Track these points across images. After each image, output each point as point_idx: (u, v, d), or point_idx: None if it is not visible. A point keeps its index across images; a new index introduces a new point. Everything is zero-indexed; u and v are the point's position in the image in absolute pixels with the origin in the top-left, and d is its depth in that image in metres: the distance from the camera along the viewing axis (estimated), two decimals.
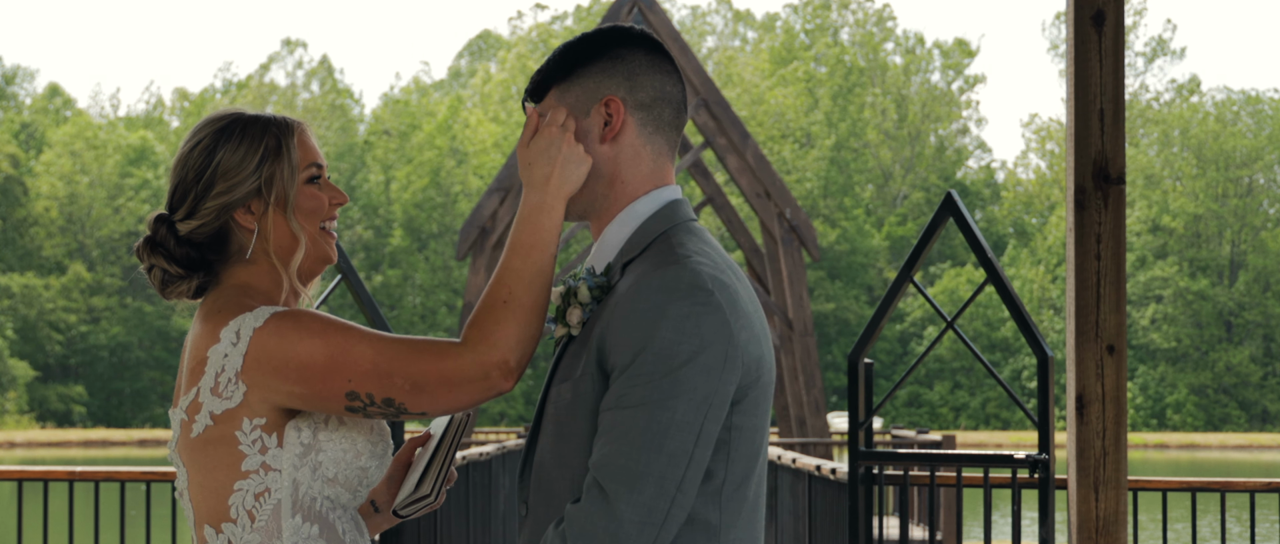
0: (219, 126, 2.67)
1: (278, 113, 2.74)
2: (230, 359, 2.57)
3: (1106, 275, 5.26)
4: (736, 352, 2.41)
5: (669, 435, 2.35)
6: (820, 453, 20.92)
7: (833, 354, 65.59)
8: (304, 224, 2.68)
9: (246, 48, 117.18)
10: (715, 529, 2.43)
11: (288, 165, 2.66)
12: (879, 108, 75.17)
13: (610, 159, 2.55)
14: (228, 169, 2.65)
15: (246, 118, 2.68)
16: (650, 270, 2.43)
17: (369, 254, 70.40)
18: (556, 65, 2.59)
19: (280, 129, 2.68)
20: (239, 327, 2.58)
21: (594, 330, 2.46)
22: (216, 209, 2.65)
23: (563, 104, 2.56)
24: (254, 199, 2.65)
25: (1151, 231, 69.43)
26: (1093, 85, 5.26)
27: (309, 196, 2.69)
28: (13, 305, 66.02)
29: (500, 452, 13.00)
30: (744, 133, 22.32)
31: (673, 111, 2.59)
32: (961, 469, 6.00)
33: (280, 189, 2.66)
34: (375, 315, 5.76)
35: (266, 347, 2.55)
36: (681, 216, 2.54)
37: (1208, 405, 66.80)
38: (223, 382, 2.58)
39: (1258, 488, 7.08)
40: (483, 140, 70.73)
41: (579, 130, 2.55)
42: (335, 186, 2.73)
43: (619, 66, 2.56)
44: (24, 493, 7.25)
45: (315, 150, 2.72)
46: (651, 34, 2.64)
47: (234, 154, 2.65)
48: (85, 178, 71.07)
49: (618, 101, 2.54)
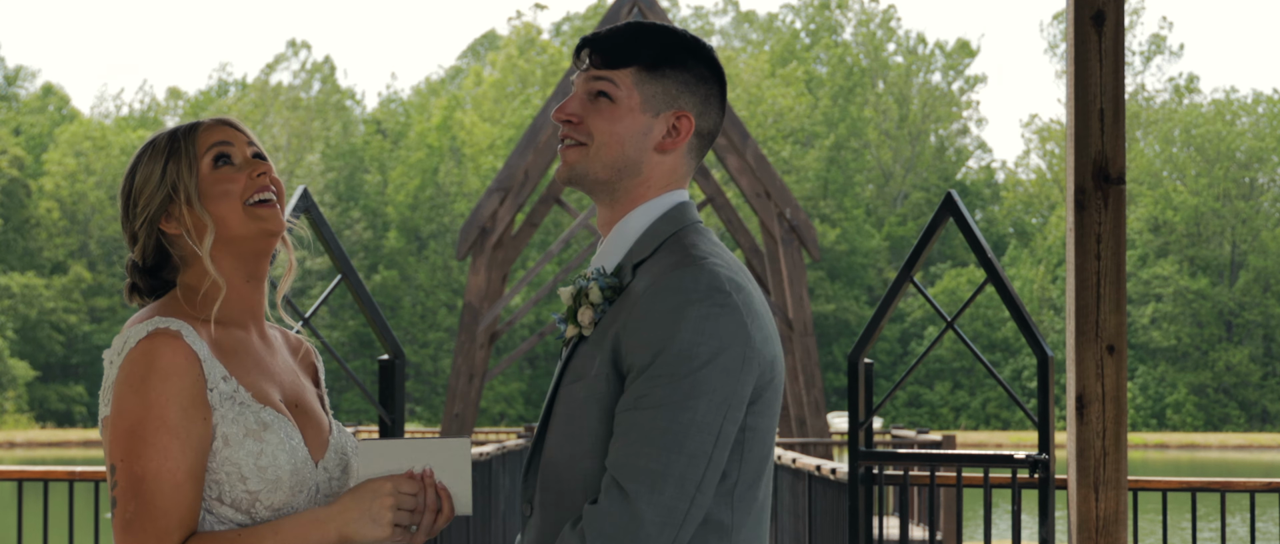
0: (138, 152, 2.73)
1: (211, 116, 2.77)
2: (112, 367, 2.60)
3: (1106, 275, 5.26)
4: (753, 353, 2.42)
5: (689, 436, 2.36)
6: (820, 453, 20.92)
7: (833, 354, 65.56)
8: (219, 206, 2.66)
9: (246, 48, 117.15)
10: (727, 529, 2.44)
11: (186, 160, 2.67)
12: (880, 108, 75.16)
13: (653, 165, 2.56)
14: (141, 186, 2.69)
15: (158, 135, 2.73)
16: (666, 271, 2.44)
17: (368, 254, 70.37)
18: (647, 47, 2.56)
19: (184, 132, 2.71)
20: (126, 338, 2.59)
21: (608, 331, 2.46)
22: (145, 227, 2.69)
23: (639, 90, 2.54)
24: (170, 205, 2.67)
25: (1152, 231, 69.42)
26: (1093, 85, 5.26)
27: (216, 180, 2.68)
28: (13, 305, 66.00)
29: (500, 452, 13.00)
30: (744, 133, 22.31)
31: (711, 143, 2.63)
32: (961, 469, 6.01)
33: (184, 187, 2.67)
34: (375, 315, 5.76)
35: (122, 373, 2.57)
36: (690, 218, 2.56)
37: (1208, 405, 66.77)
38: (105, 387, 2.61)
39: (1258, 488, 7.08)
40: (479, 141, 70.74)
41: (641, 124, 2.55)
42: (255, 159, 2.71)
43: (701, 87, 2.57)
44: (24, 493, 7.24)
45: (224, 133, 2.71)
46: (724, 68, 2.65)
47: (145, 169, 2.69)
48: (91, 177, 71.09)
49: (690, 120, 2.56)
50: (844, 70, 74.94)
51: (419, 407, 65.22)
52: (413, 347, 67.18)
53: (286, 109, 73.78)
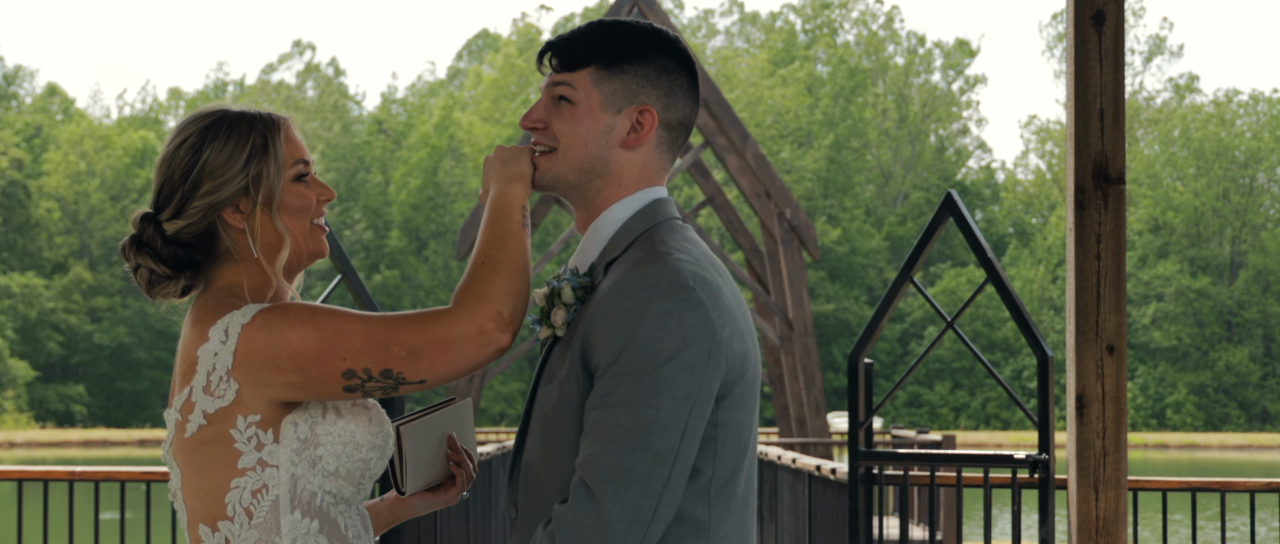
0: (205, 124, 2.62)
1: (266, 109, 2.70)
2: (220, 357, 2.54)
3: (1106, 275, 5.26)
4: (720, 347, 2.40)
5: (653, 433, 2.35)
6: (820, 453, 20.91)
7: (833, 354, 65.56)
8: (293, 222, 2.63)
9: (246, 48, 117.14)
10: (704, 526, 2.43)
11: (274, 163, 2.61)
12: (880, 108, 75.15)
13: (621, 163, 2.54)
14: (215, 168, 2.59)
15: (232, 115, 2.63)
16: (631, 268, 2.43)
17: (368, 254, 70.38)
18: (603, 46, 2.54)
19: (267, 126, 2.62)
20: (227, 325, 2.54)
21: (578, 330, 2.45)
22: (204, 208, 2.59)
23: (598, 90, 2.53)
24: (242, 198, 2.60)
25: (1152, 231, 69.42)
26: (1093, 85, 5.25)
27: (297, 194, 2.64)
28: (13, 305, 65.99)
29: (500, 451, 13.00)
30: (744, 133, 22.30)
31: (686, 135, 2.60)
32: (961, 469, 6.01)
33: (267, 187, 2.61)
34: None
35: (256, 341, 2.52)
36: (663, 214, 2.54)
37: (1208, 405, 66.77)
38: (215, 380, 2.55)
39: (1258, 488, 7.08)
40: (479, 141, 70.74)
41: (604, 123, 2.54)
42: (322, 183, 2.69)
43: (663, 79, 2.55)
44: (24, 493, 7.24)
45: (302, 146, 2.67)
46: (693, 56, 2.62)
47: (221, 152, 2.59)
48: (94, 178, 71.06)
49: (653, 113, 2.54)
50: (845, 71, 74.93)
51: (419, 407, 65.17)
52: None
53: (287, 109, 73.79)
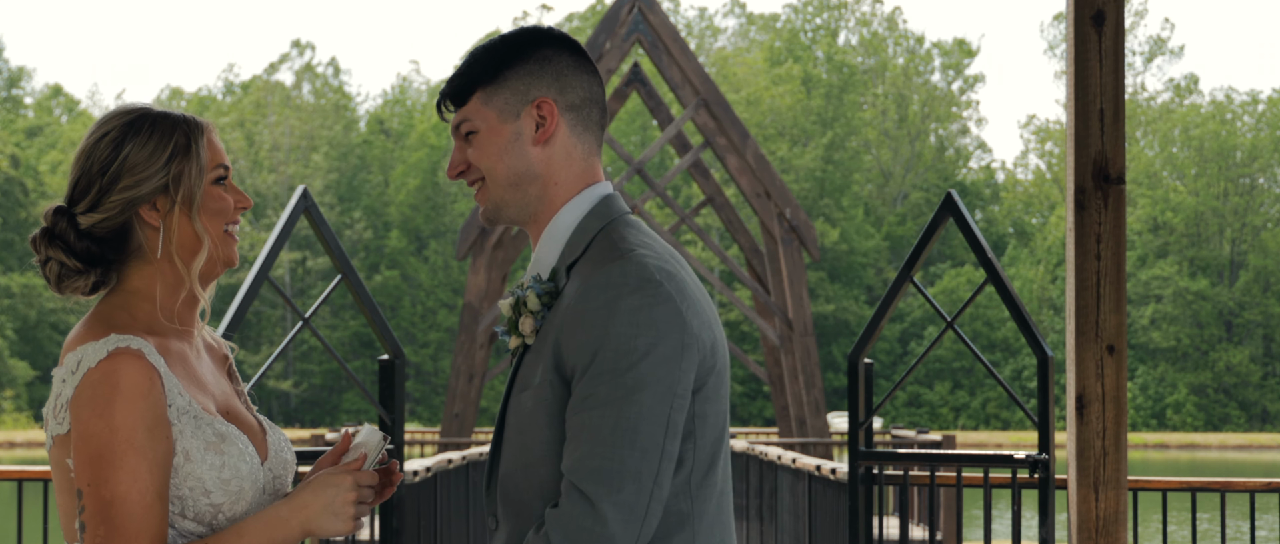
0: (128, 120, 2.60)
1: (188, 112, 2.68)
2: (66, 386, 2.52)
3: (1106, 275, 5.26)
4: (692, 339, 2.41)
5: (639, 430, 2.36)
6: (820, 453, 20.91)
7: (833, 354, 65.56)
8: (209, 225, 2.61)
9: (247, 48, 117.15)
10: (687, 517, 2.45)
11: (196, 164, 2.60)
12: (879, 108, 75.16)
13: (544, 161, 2.54)
14: (135, 163, 2.57)
15: (156, 114, 2.61)
16: (595, 269, 2.43)
17: (368, 254, 70.39)
18: (481, 67, 2.55)
19: (190, 128, 2.61)
20: (81, 356, 2.51)
21: (549, 336, 2.45)
22: (121, 204, 2.57)
23: (490, 108, 2.54)
24: (160, 196, 2.58)
25: (1152, 231, 69.42)
26: (1093, 85, 5.26)
27: (215, 197, 2.62)
28: (13, 305, 66.01)
29: None
30: (744, 133, 22.30)
31: (599, 111, 2.59)
32: (961, 469, 6.01)
33: (187, 188, 2.59)
34: (375, 315, 5.76)
35: (83, 395, 2.49)
36: (616, 211, 2.54)
37: (1208, 405, 66.78)
38: (58, 406, 2.53)
39: (1258, 488, 7.08)
40: None
41: (509, 133, 2.53)
42: (240, 190, 2.68)
43: (547, 68, 2.55)
44: (24, 493, 7.24)
45: (222, 152, 2.66)
46: (569, 36, 2.62)
47: (143, 149, 2.57)
48: None
49: (550, 103, 2.54)
50: (845, 71, 74.93)
51: (419, 407, 65.24)
52: (413, 347, 67.19)
53: (288, 109, 73.78)
